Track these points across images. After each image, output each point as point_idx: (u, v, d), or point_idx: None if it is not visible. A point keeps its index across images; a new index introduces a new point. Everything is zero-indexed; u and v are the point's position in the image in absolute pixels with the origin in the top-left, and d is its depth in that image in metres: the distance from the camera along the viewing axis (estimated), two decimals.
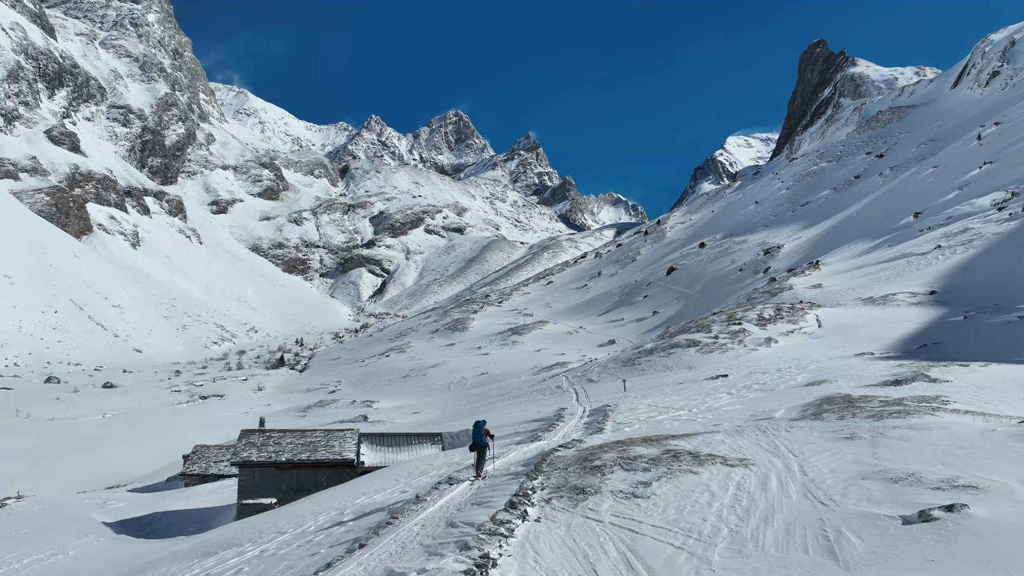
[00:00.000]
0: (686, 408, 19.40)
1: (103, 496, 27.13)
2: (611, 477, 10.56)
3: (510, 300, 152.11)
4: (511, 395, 43.38)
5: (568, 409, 26.07)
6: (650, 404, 21.97)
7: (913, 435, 11.34)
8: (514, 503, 9.52)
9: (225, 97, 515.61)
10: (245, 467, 22.31)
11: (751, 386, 23.12)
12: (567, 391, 36.14)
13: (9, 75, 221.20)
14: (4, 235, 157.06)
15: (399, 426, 45.12)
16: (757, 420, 15.08)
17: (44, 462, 44.08)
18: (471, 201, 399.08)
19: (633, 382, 32.87)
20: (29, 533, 17.22)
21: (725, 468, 10.59)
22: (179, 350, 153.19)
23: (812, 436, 12.16)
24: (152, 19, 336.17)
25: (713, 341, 38.39)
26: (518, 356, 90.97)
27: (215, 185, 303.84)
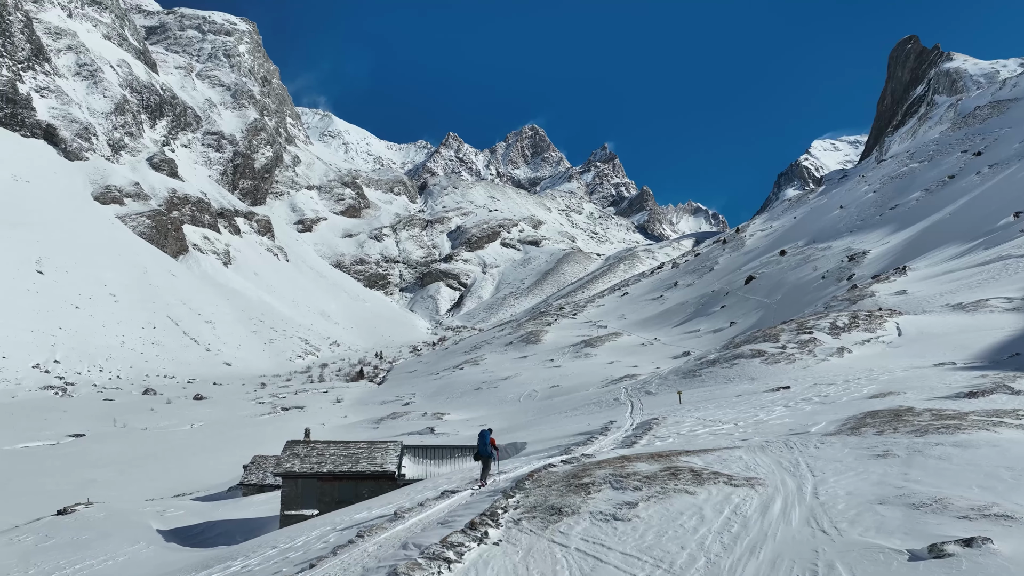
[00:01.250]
0: (733, 422, 18.34)
1: (166, 504, 28.28)
2: (596, 496, 9.92)
3: (584, 312, 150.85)
4: (570, 408, 42.64)
5: (617, 422, 25.24)
6: (699, 418, 20.95)
7: (956, 453, 10.16)
8: (475, 524, 9.00)
9: (311, 121, 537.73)
10: (288, 478, 22.70)
11: (811, 399, 21.70)
12: (624, 404, 35.14)
13: (116, 108, 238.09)
14: (111, 257, 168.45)
15: (461, 438, 45.16)
16: (791, 435, 14.00)
17: (132, 470, 46.42)
18: (547, 214, 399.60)
19: (691, 394, 31.60)
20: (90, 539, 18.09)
21: (727, 488, 9.79)
22: (266, 363, 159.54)
23: (841, 453, 11.13)
24: (243, 50, 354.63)
25: (780, 351, 36.49)
26: (590, 368, 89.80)
27: (301, 204, 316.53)
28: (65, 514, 25.61)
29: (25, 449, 57.22)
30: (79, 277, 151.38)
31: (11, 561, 17.13)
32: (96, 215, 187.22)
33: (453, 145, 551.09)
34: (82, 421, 75.29)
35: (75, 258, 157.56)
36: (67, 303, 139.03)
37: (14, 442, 60.43)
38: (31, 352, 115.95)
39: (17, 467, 46.68)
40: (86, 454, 53.27)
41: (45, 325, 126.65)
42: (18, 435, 64.00)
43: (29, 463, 48.53)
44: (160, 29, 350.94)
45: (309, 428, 37.00)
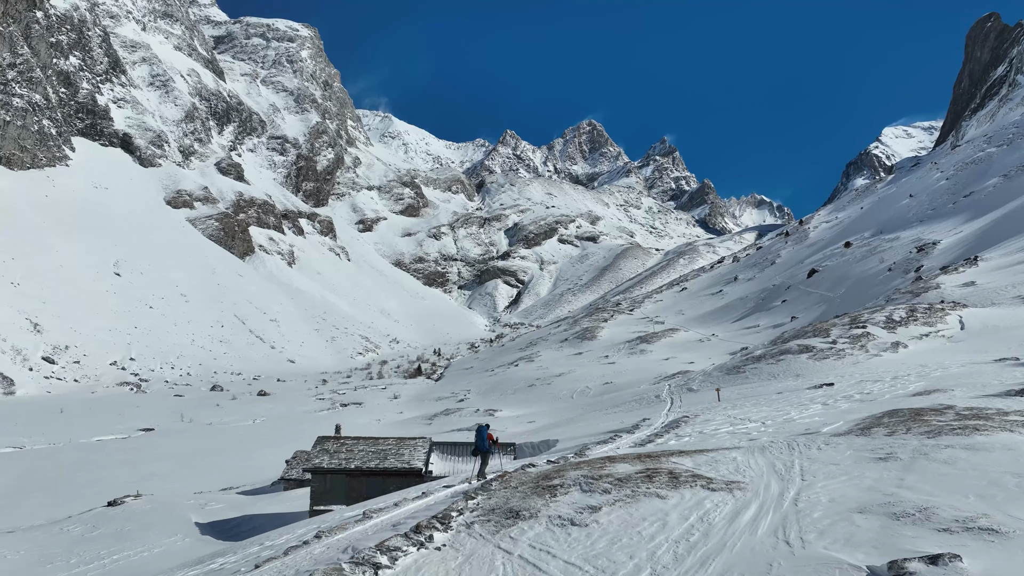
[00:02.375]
0: (761, 420, 17.67)
1: (211, 497, 29.30)
2: (561, 499, 9.59)
3: (641, 308, 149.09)
4: (611, 405, 42.10)
5: (649, 420, 24.74)
6: (729, 416, 20.31)
7: (965, 457, 9.46)
8: (420, 527, 8.83)
9: (372, 123, 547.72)
10: (317, 473, 23.16)
11: (852, 396, 20.74)
12: (664, 401, 34.45)
13: (186, 116, 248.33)
14: (182, 258, 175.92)
15: (509, 435, 45.22)
16: (803, 435, 13.36)
17: (193, 463, 48.31)
18: (605, 209, 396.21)
19: (731, 391, 30.70)
20: (132, 530, 18.88)
21: (703, 493, 9.36)
22: (328, 360, 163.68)
23: (842, 456, 10.52)
24: (305, 55, 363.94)
25: (829, 347, 35.03)
26: (645, 365, 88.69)
27: (361, 205, 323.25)
28: (114, 505, 26.88)
29: (99, 442, 60.29)
30: (153, 278, 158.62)
31: (57, 551, 18.10)
32: (168, 219, 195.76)
33: (510, 142, 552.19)
34: (153, 416, 78.71)
35: (149, 260, 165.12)
36: (142, 303, 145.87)
37: (90, 435, 63.75)
38: (109, 350, 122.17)
39: (89, 459, 49.22)
40: (152, 448, 55.71)
41: (122, 324, 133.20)
42: (94, 429, 67.52)
43: (100, 455, 51.10)
44: (227, 38, 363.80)
45: (340, 424, 37.64)
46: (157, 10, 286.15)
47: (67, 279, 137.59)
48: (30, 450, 54.40)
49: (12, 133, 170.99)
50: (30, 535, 21.29)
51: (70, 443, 58.15)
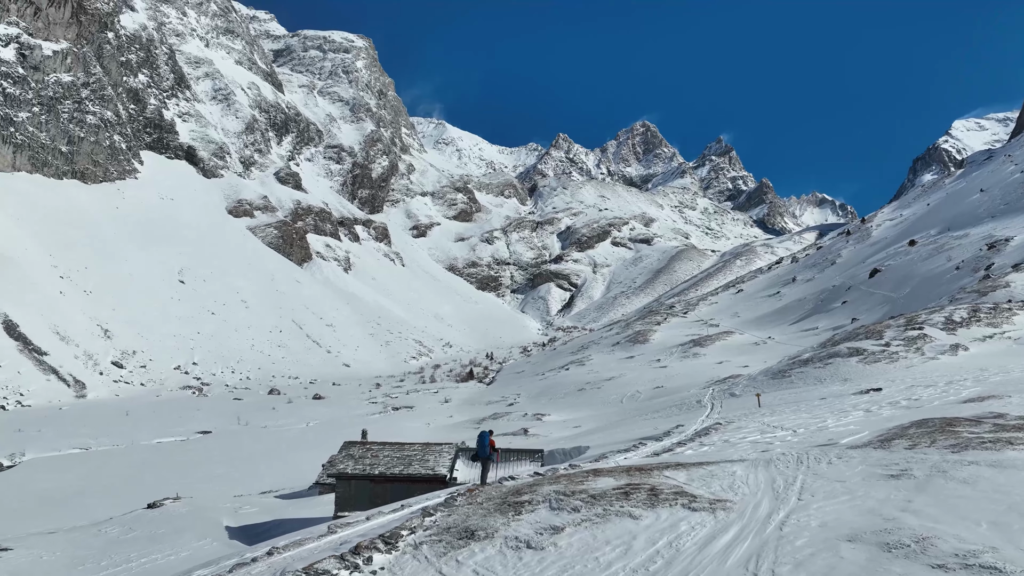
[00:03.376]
0: (793, 429, 16.80)
1: (248, 501, 29.84)
2: (524, 518, 9.07)
3: (695, 310, 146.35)
4: (652, 411, 41.13)
5: (683, 426, 23.94)
6: (764, 423, 19.43)
7: (989, 476, 8.58)
8: (360, 548, 8.46)
9: (426, 129, 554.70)
10: (341, 479, 23.23)
11: (898, 402, 19.59)
12: (705, 406, 33.43)
13: (247, 128, 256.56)
14: (243, 266, 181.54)
15: (551, 440, 44.84)
16: (818, 447, 12.55)
17: (243, 465, 49.47)
18: (659, 211, 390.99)
19: (773, 397, 29.50)
20: (166, 533, 19.29)
21: (682, 513, 8.76)
22: (382, 364, 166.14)
23: (852, 471, 9.72)
24: (360, 65, 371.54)
25: (882, 349, 33.34)
26: (697, 368, 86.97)
27: (415, 211, 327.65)
28: (153, 508, 27.68)
29: (159, 444, 62.49)
30: (215, 286, 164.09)
31: (91, 552, 18.64)
32: (230, 227, 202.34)
33: (563, 146, 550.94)
34: (212, 419, 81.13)
35: (212, 268, 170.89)
36: (205, 310, 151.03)
37: (151, 437, 66.14)
38: (173, 355, 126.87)
39: (147, 460, 51.00)
40: (207, 450, 57.36)
41: (186, 330, 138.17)
42: (156, 431, 70.04)
43: (158, 457, 52.90)
44: (286, 51, 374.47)
45: (366, 429, 37.67)
46: (219, 27, 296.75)
47: (136, 287, 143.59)
48: (95, 451, 56.72)
49: (86, 149, 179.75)
50: (70, 536, 22.10)
51: (132, 445, 60.42)
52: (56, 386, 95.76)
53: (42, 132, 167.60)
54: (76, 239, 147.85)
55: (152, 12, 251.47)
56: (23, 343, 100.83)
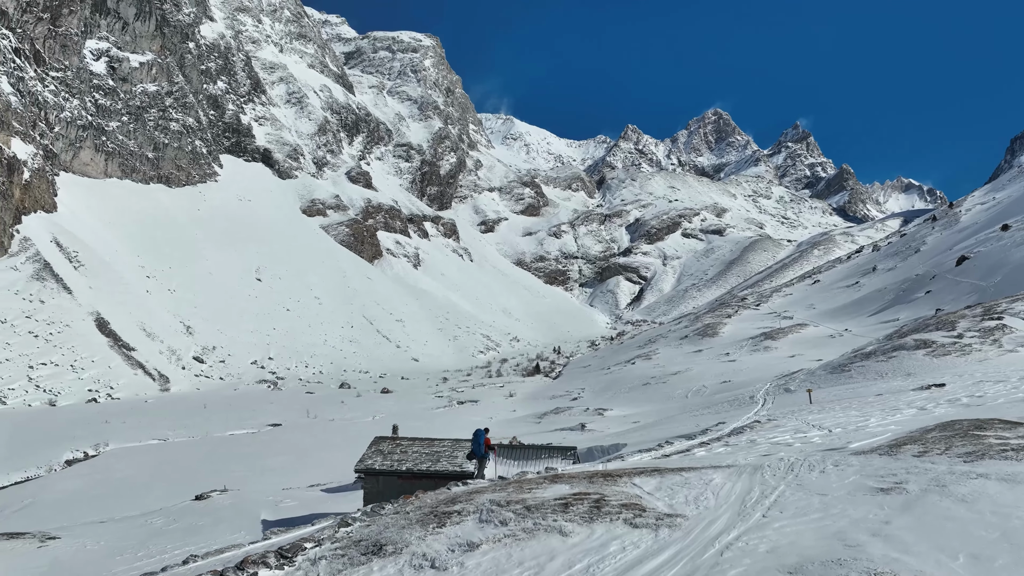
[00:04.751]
0: (829, 428, 15.64)
1: (291, 494, 30.43)
2: (445, 531, 8.48)
3: (769, 302, 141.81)
4: (702, 407, 39.75)
5: (726, 423, 22.85)
6: (802, 422, 18.26)
7: (994, 493, 7.29)
8: (244, 564, 7.96)
9: (494, 125, 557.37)
10: (369, 475, 23.27)
11: (959, 399, 18.05)
12: (757, 402, 31.96)
13: (319, 129, 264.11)
14: (316, 263, 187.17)
15: (604, 435, 44.12)
16: (822, 451, 11.48)
17: (305, 458, 50.78)
18: (731, 201, 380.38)
19: (827, 393, 27.89)
20: (204, 525, 19.73)
21: (621, 529, 8.02)
22: (450, 359, 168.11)
23: (840, 482, 8.71)
24: (428, 64, 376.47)
25: (953, 342, 31.01)
26: (767, 362, 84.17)
27: (483, 206, 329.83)
28: (200, 499, 28.62)
29: (231, 436, 64.97)
30: (290, 283, 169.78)
31: (132, 543, 19.25)
32: (304, 227, 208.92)
33: (632, 137, 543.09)
34: (283, 412, 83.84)
35: (287, 266, 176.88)
36: (280, 306, 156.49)
37: (224, 430, 68.86)
38: (250, 350, 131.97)
39: (216, 452, 53.08)
40: (275, 442, 59.24)
41: (262, 326, 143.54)
42: (230, 424, 72.87)
43: (227, 449, 54.98)
44: (356, 54, 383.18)
45: (397, 425, 37.79)
46: (293, 32, 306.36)
47: (216, 285, 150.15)
48: (171, 443, 59.47)
49: (170, 154, 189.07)
50: (117, 526, 23.03)
51: (206, 437, 63.03)
52: (143, 380, 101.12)
53: (130, 140, 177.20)
54: (161, 240, 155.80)
55: (230, 21, 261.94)
56: (113, 339, 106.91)
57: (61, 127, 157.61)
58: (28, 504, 34.13)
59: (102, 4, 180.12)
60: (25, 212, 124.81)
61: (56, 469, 45.44)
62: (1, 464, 45.24)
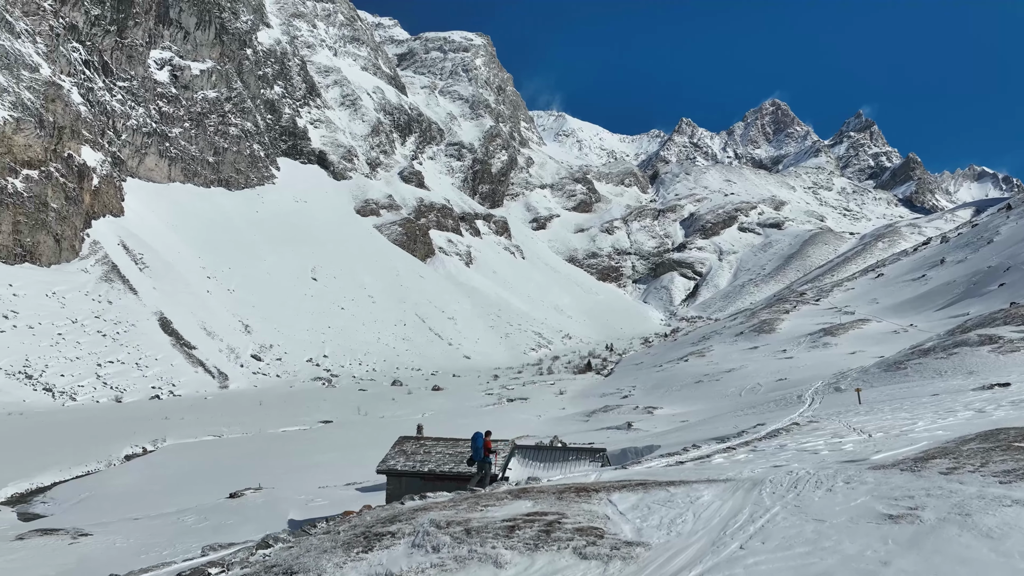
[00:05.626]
0: (870, 432, 14.44)
1: (323, 493, 30.56)
2: (368, 557, 7.58)
3: (829, 297, 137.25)
4: (748, 406, 38.18)
5: (765, 425, 21.69)
6: (842, 425, 17.04)
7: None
8: None
9: (546, 122, 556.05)
10: (391, 475, 22.99)
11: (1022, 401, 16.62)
12: (804, 402, 30.41)
13: (372, 130, 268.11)
14: (370, 262, 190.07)
15: (651, 435, 43.08)
16: (840, 463, 10.35)
17: (351, 454, 51.21)
18: (790, 193, 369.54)
19: (879, 392, 26.25)
20: (233, 524, 19.75)
21: (566, 560, 7.07)
22: (501, 356, 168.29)
23: (845, 506, 7.72)
24: (479, 63, 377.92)
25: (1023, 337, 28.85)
26: (826, 359, 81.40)
27: (535, 204, 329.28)
28: (234, 497, 28.97)
29: (283, 432, 66.27)
30: (345, 282, 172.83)
31: (161, 540, 19.48)
32: (358, 226, 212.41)
33: (686, 131, 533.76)
34: (336, 409, 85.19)
35: (342, 266, 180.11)
36: (335, 305, 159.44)
37: (277, 426, 70.31)
38: (306, 348, 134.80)
39: (267, 448, 54.11)
40: (325, 439, 60.06)
41: (317, 325, 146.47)
42: (283, 420, 74.41)
43: (277, 445, 56.01)
44: (408, 55, 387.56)
45: (422, 424, 37.40)
46: (346, 36, 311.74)
47: (273, 285, 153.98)
48: (226, 438, 60.97)
49: (229, 158, 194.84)
50: (150, 523, 23.45)
51: (259, 433, 64.42)
52: (203, 377, 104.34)
53: (192, 145, 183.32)
54: (221, 242, 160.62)
55: (285, 27, 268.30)
56: (176, 338, 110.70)
57: (128, 134, 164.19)
58: (84, 498, 35.40)
59: (165, 15, 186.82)
60: (95, 216, 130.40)
61: (115, 464, 47.08)
62: (65, 458, 47.13)
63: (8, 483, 38.14)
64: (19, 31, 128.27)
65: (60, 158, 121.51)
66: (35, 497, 36.74)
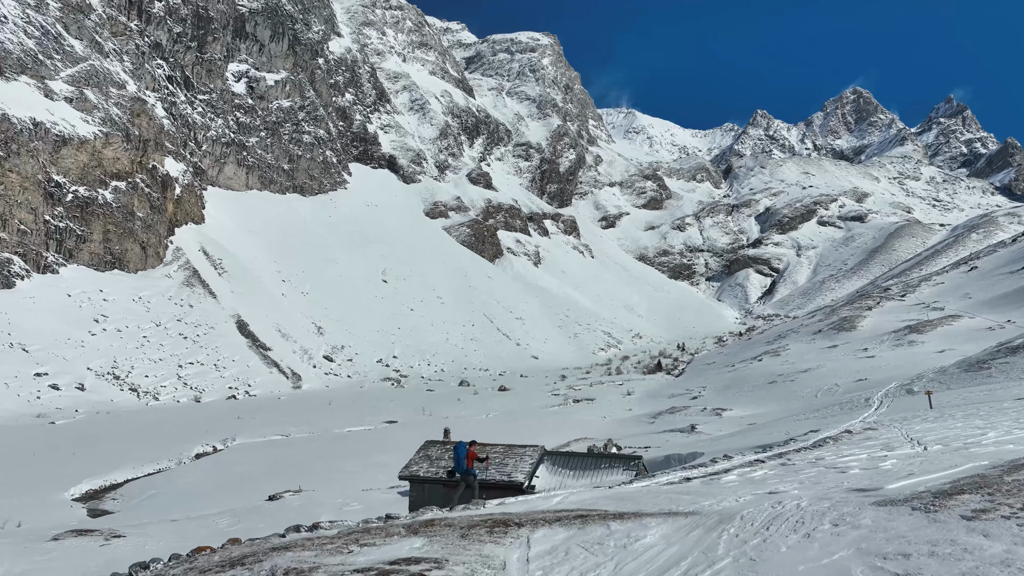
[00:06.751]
0: (927, 445, 12.69)
1: (363, 496, 30.24)
2: None
3: (916, 292, 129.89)
4: (813, 409, 35.72)
5: (820, 432, 19.86)
6: (900, 434, 15.22)
7: None
8: None
9: (615, 120, 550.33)
10: (414, 482, 22.31)
11: None
12: (872, 405, 28.06)
13: (440, 134, 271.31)
14: (438, 264, 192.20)
15: (713, 439, 41.20)
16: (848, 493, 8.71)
17: (401, 456, 51.30)
18: (874, 184, 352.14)
19: (956, 395, 23.83)
20: (263, 528, 19.51)
21: None
22: (570, 356, 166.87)
23: (817, 562, 5.83)
24: (546, 63, 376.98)
25: None
26: (911, 358, 76.96)
27: (603, 202, 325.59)
28: (272, 500, 29.07)
29: (348, 432, 67.25)
30: (414, 284, 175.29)
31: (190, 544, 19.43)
32: (427, 229, 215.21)
33: (762, 123, 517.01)
34: (401, 409, 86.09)
35: (411, 268, 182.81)
36: (404, 307, 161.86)
37: (343, 426, 71.45)
38: (376, 349, 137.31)
39: (329, 448, 54.88)
40: (386, 440, 60.48)
41: (387, 326, 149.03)
42: (350, 420, 75.63)
43: (341, 445, 56.77)
44: (476, 58, 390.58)
45: (449, 428, 36.56)
46: (415, 42, 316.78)
47: (345, 287, 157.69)
48: (293, 438, 62.30)
49: (304, 165, 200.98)
50: (187, 525, 23.66)
51: (325, 433, 65.57)
52: (277, 378, 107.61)
53: (268, 153, 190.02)
54: (296, 246, 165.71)
55: (356, 35, 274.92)
56: (252, 340, 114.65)
57: (208, 145, 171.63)
58: (150, 495, 36.61)
59: (241, 29, 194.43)
60: (177, 224, 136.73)
61: (185, 462, 48.72)
62: (140, 456, 49.10)
63: (83, 479, 39.89)
64: (108, 51, 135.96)
65: (145, 169, 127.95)
66: (107, 494, 38.25)
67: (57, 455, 48.14)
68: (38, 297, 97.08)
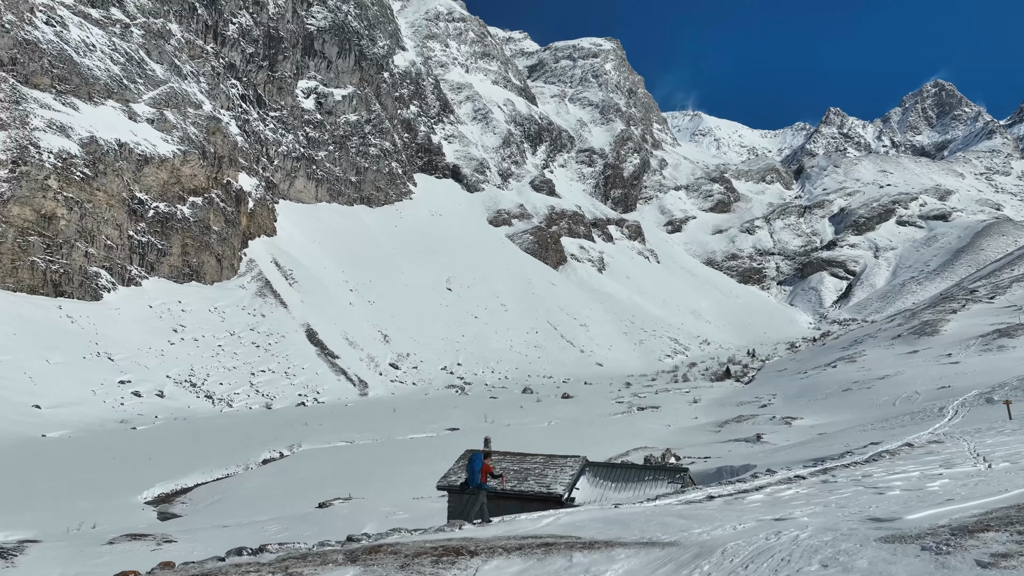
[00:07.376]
0: (991, 463, 11.55)
1: (411, 504, 30.12)
2: None
3: (1006, 294, 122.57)
4: (882, 419, 33.61)
5: (878, 444, 18.52)
6: (965, 449, 14.02)
7: None
8: None
9: (681, 123, 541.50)
10: (452, 492, 22.04)
11: None
12: (945, 415, 26.14)
13: (503, 142, 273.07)
14: (502, 271, 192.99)
15: (777, 448, 39.54)
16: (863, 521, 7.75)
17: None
18: (958, 181, 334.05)
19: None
20: (309, 536, 19.76)
21: None
22: (635, 363, 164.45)
23: None
24: (609, 68, 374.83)
25: None
26: (1000, 365, 72.42)
27: (669, 206, 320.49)
28: (322, 507, 29.37)
29: (411, 439, 67.94)
30: (478, 291, 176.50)
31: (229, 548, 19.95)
32: (491, 236, 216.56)
33: (835, 121, 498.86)
34: (464, 416, 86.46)
35: (475, 275, 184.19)
36: (469, 314, 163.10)
37: (406, 433, 72.22)
38: (441, 356, 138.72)
39: (392, 456, 55.53)
40: (448, 446, 60.66)
41: (452, 334, 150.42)
42: (413, 427, 76.45)
43: (402, 452, 57.36)
44: (539, 66, 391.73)
45: (489, 438, 36.01)
46: (477, 52, 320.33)
47: (410, 296, 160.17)
48: (357, 444, 63.37)
49: (370, 177, 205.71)
50: (236, 531, 24.13)
51: (388, 440, 66.42)
52: (344, 385, 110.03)
53: (336, 166, 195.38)
54: (363, 256, 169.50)
55: (419, 48, 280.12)
56: (320, 348, 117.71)
57: (279, 160, 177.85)
58: (216, 500, 37.84)
59: (310, 47, 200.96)
60: (250, 237, 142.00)
61: (252, 467, 50.20)
62: (211, 461, 50.87)
63: (156, 483, 41.59)
64: (186, 73, 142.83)
65: (220, 185, 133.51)
66: (177, 498, 39.76)
67: (135, 459, 50.41)
68: (123, 308, 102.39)
